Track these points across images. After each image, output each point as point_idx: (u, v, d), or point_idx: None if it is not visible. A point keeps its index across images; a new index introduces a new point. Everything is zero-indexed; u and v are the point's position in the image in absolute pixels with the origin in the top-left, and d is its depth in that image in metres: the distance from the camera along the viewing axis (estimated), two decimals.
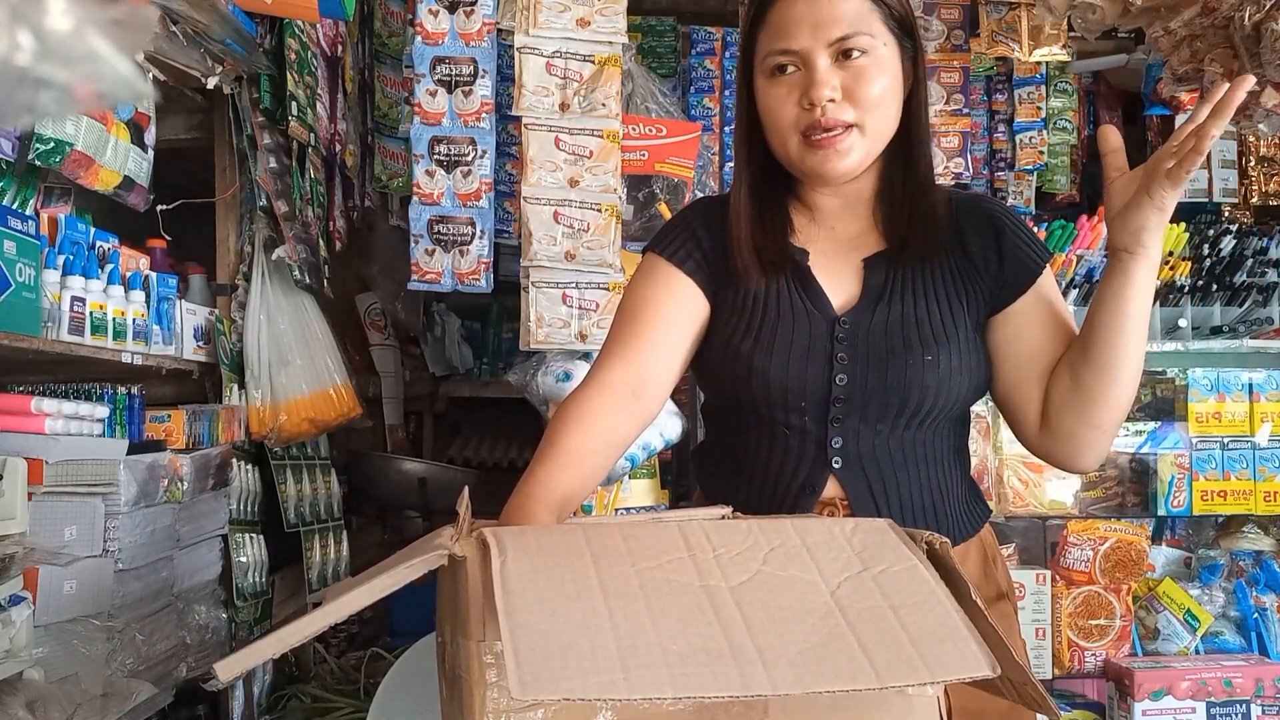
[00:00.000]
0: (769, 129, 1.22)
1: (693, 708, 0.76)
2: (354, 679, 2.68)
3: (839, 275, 1.24)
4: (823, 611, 0.77)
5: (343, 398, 2.61)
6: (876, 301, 1.21)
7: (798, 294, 1.23)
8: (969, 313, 1.21)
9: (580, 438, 1.15)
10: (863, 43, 1.15)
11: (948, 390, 1.18)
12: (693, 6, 4.07)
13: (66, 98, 0.39)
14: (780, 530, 0.86)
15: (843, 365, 1.19)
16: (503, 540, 0.79)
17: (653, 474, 2.57)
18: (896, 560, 0.83)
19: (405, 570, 0.77)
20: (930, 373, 1.17)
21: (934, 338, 1.18)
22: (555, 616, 0.71)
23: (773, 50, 1.18)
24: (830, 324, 1.20)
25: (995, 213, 1.25)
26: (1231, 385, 2.42)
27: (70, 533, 1.63)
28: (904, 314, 1.20)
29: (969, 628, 0.76)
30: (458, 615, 0.82)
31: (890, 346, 1.18)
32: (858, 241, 1.25)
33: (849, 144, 1.16)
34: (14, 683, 1.44)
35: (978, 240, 1.23)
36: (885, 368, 1.18)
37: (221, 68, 2.19)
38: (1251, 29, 1.95)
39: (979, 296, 1.22)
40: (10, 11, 0.36)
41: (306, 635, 0.75)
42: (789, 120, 1.18)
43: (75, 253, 1.85)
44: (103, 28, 0.37)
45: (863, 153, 1.18)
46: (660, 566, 0.79)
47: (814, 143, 1.17)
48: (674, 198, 2.76)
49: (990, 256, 1.22)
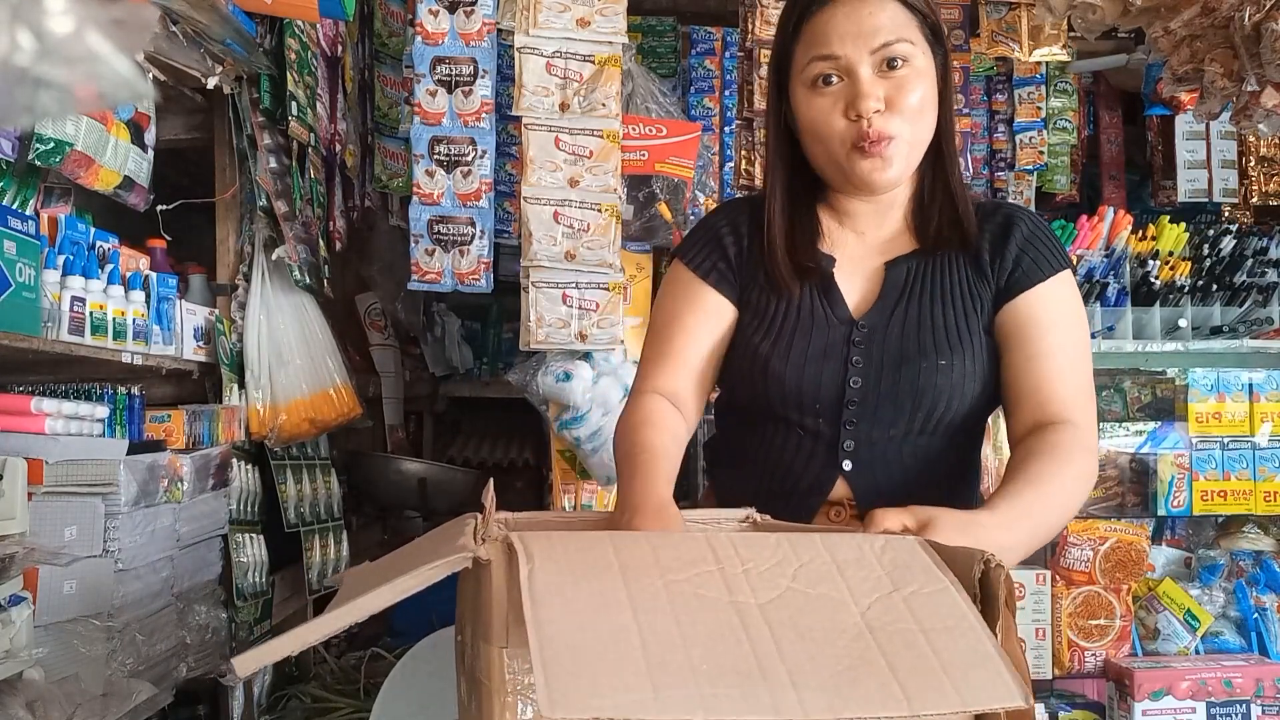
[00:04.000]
0: (813, 139, 1.22)
1: None
2: (354, 679, 2.68)
3: (861, 279, 1.26)
4: (853, 633, 0.75)
5: (343, 398, 2.61)
6: (895, 305, 1.22)
7: (819, 298, 1.25)
8: (981, 316, 1.22)
9: (655, 434, 1.18)
10: (903, 50, 1.17)
11: (960, 396, 1.19)
12: (693, 6, 4.07)
13: (66, 98, 0.39)
14: (810, 545, 0.85)
15: (857, 369, 1.20)
16: (530, 547, 0.78)
17: None
18: (928, 582, 0.82)
19: (429, 571, 0.76)
20: (944, 378, 1.18)
21: (948, 343, 1.19)
22: (584, 631, 0.71)
23: (815, 58, 1.19)
24: (847, 327, 1.22)
25: (1014, 216, 1.25)
26: (1231, 385, 2.42)
27: (70, 533, 1.62)
28: (920, 318, 1.21)
29: (1001, 655, 0.75)
30: (479, 617, 0.81)
31: (905, 351, 1.19)
32: (888, 245, 1.27)
33: (893, 152, 1.18)
34: (14, 683, 1.44)
35: (990, 242, 1.24)
36: (899, 372, 1.19)
37: (221, 68, 2.18)
38: (1251, 29, 1.95)
39: (986, 298, 1.23)
40: (10, 11, 0.36)
41: (325, 634, 0.75)
42: (836, 132, 1.19)
43: (75, 253, 1.85)
44: (103, 28, 0.37)
45: (905, 162, 1.20)
46: (689, 580, 0.78)
47: (863, 150, 1.18)
48: (674, 198, 2.76)
49: (996, 256, 1.23)
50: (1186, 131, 4.02)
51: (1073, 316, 1.22)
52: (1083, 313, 1.26)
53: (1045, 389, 1.17)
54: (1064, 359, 1.18)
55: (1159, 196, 4.26)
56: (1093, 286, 2.59)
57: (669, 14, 3.98)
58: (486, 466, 4.34)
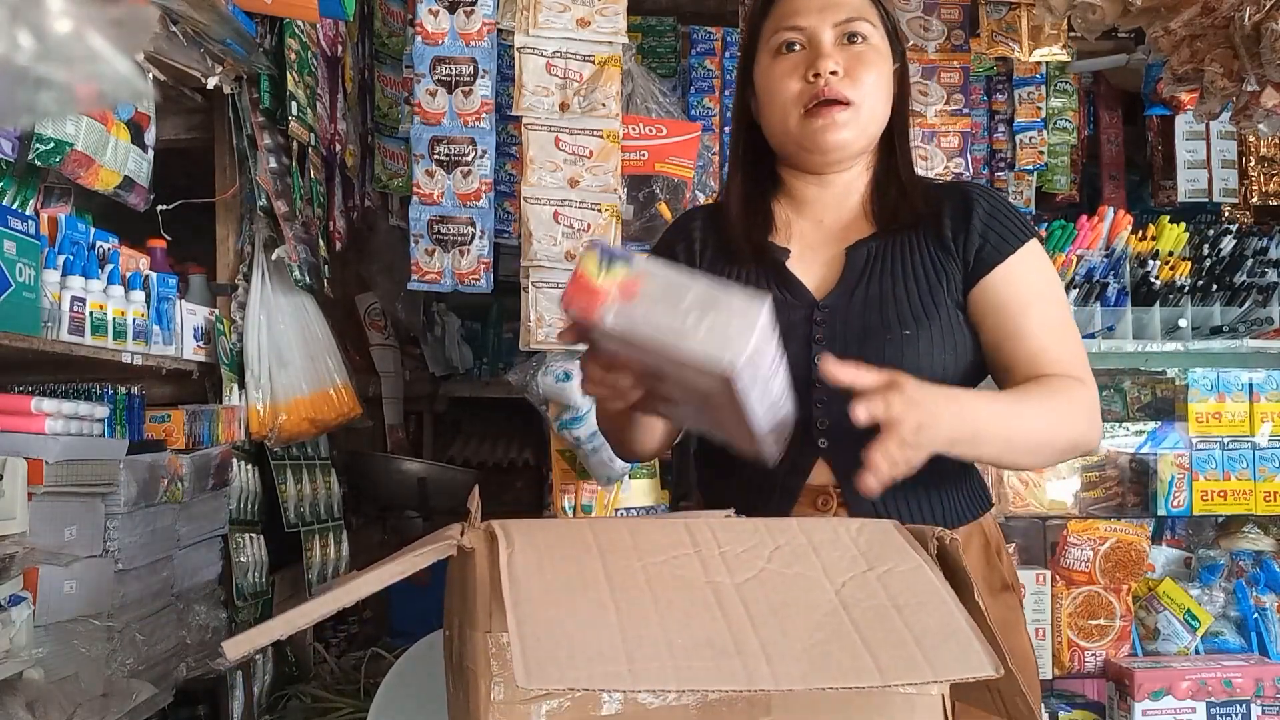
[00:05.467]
0: (769, 106, 1.27)
1: (696, 702, 0.77)
2: (354, 679, 2.68)
3: (821, 265, 1.28)
4: (827, 609, 0.77)
5: (343, 398, 2.61)
6: (855, 285, 1.24)
7: (776, 288, 1.26)
8: (948, 292, 1.23)
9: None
10: (864, 29, 1.24)
11: (929, 367, 1.18)
12: (693, 6, 4.06)
13: (66, 98, 0.39)
14: (786, 529, 0.87)
15: (821, 346, 1.20)
16: (510, 533, 0.80)
17: (653, 474, 2.57)
18: (902, 560, 0.83)
19: (414, 558, 0.78)
20: (910, 348, 1.18)
21: (912, 316, 1.20)
22: (561, 608, 0.72)
23: (781, 28, 1.26)
24: (809, 308, 1.24)
25: (971, 193, 1.27)
26: (1231, 385, 2.42)
27: (70, 533, 1.62)
28: (882, 294, 1.22)
29: (972, 628, 0.76)
30: (465, 606, 0.83)
31: (867, 325, 1.20)
32: (845, 232, 1.29)
33: (845, 118, 1.22)
34: (14, 683, 1.44)
35: (951, 219, 1.25)
36: (863, 346, 1.19)
37: (221, 68, 2.18)
38: (1251, 29, 1.95)
39: (954, 275, 1.24)
40: (10, 11, 0.36)
41: (314, 618, 0.76)
42: (792, 94, 1.24)
43: (75, 253, 1.85)
44: (103, 28, 0.37)
45: (856, 130, 1.23)
46: (666, 562, 0.80)
47: (814, 112, 1.22)
48: (674, 198, 2.76)
49: (959, 234, 1.24)
50: (1186, 131, 4.01)
51: (1051, 286, 1.26)
52: (1057, 279, 1.30)
53: (1040, 359, 1.18)
54: (1050, 336, 1.20)
55: (1159, 196, 4.26)
56: (1093, 286, 2.59)
57: (669, 14, 3.98)
58: (486, 466, 4.33)
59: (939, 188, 1.30)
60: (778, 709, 0.78)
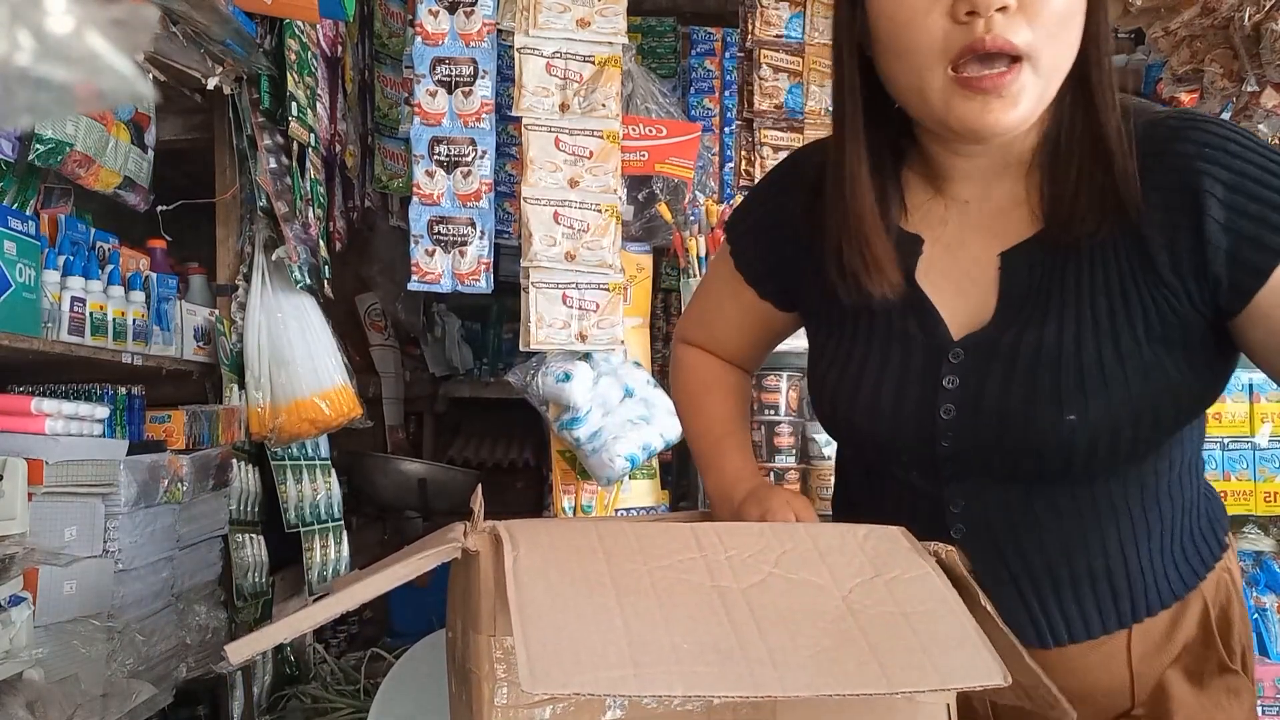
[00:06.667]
0: (895, 61, 0.85)
1: (701, 707, 0.76)
2: (354, 679, 2.68)
3: (964, 276, 0.91)
4: (834, 615, 0.76)
5: (343, 398, 2.61)
6: (1009, 322, 0.88)
7: (898, 306, 0.92)
8: (1151, 325, 0.84)
9: (714, 367, 1.15)
10: None
11: (1106, 446, 0.85)
12: (692, 7, 4.07)
13: (66, 98, 0.39)
14: (793, 534, 0.86)
15: (948, 419, 0.89)
16: (515, 536, 0.79)
17: (652, 474, 2.57)
18: (910, 567, 0.83)
19: (419, 560, 0.78)
20: (1075, 434, 0.84)
21: (1081, 387, 0.84)
22: (567, 612, 0.72)
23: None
24: (938, 354, 0.90)
25: (1197, 170, 0.81)
26: (1231, 385, 2.42)
27: (70, 533, 1.62)
28: (1043, 345, 0.86)
29: (980, 635, 0.76)
30: (469, 609, 0.82)
31: (1010, 399, 0.86)
32: (1001, 223, 0.91)
33: (1019, 86, 0.80)
34: (14, 683, 1.44)
35: (1165, 221, 0.82)
36: (1003, 428, 0.87)
37: (221, 68, 2.18)
38: (1251, 29, 1.95)
39: (1168, 304, 0.84)
40: (10, 11, 0.36)
41: (318, 621, 0.76)
42: (933, 40, 0.81)
43: (75, 253, 1.85)
44: (103, 28, 0.37)
45: (1034, 99, 0.82)
46: (672, 566, 0.79)
47: (969, 83, 0.80)
48: (674, 198, 2.76)
49: (1182, 248, 0.82)
50: None
51: None
52: None
53: None
54: None
55: None
56: None
57: (669, 14, 3.98)
58: (486, 467, 4.33)
59: (1148, 155, 0.83)
60: (783, 714, 0.77)
